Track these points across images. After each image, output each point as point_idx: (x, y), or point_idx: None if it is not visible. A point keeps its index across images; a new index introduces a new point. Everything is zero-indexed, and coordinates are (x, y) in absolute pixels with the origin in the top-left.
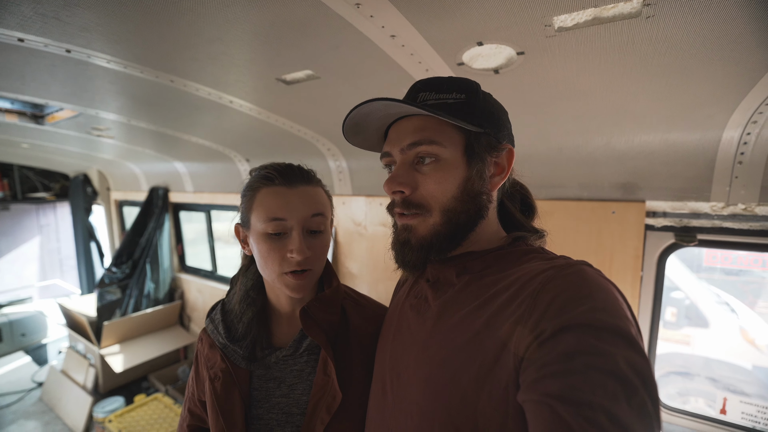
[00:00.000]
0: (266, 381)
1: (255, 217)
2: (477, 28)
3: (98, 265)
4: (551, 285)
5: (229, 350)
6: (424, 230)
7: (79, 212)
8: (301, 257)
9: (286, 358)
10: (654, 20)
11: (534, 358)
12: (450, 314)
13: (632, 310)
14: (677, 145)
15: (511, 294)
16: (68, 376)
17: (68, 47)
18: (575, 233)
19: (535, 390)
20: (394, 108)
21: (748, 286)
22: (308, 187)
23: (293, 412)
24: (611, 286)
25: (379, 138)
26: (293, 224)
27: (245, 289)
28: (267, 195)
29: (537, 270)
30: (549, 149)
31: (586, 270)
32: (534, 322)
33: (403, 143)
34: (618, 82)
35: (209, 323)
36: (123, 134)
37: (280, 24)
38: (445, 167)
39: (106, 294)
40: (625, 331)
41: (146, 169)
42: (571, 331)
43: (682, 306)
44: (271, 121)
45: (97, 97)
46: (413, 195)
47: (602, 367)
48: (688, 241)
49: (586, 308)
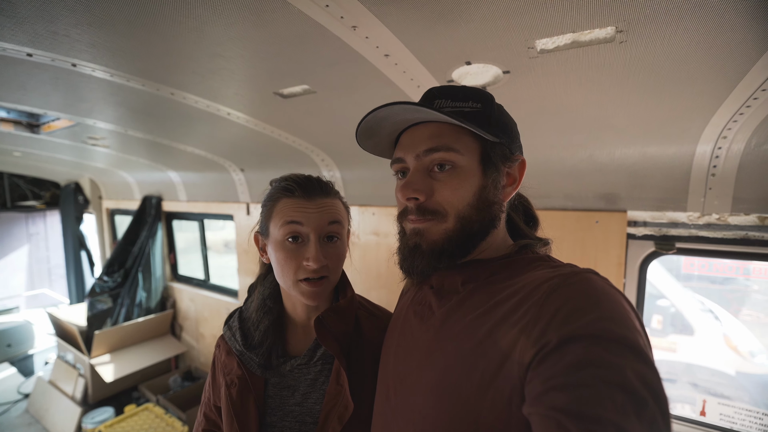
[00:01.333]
0: (281, 389)
1: (273, 225)
2: (465, 49)
3: (88, 274)
4: (557, 293)
5: (246, 357)
6: (436, 235)
7: (69, 221)
8: (317, 265)
9: (300, 367)
10: (627, 45)
11: (539, 369)
12: (454, 321)
13: (641, 320)
14: (655, 158)
15: (516, 302)
16: (56, 386)
17: (75, 62)
18: (560, 242)
19: (541, 403)
20: (412, 113)
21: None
22: (326, 199)
23: (306, 421)
24: (619, 295)
25: (390, 144)
26: (309, 231)
27: (262, 297)
28: (286, 205)
29: (542, 278)
30: (535, 161)
31: (592, 278)
32: (539, 331)
33: (418, 149)
34: (598, 99)
35: (227, 330)
36: (118, 143)
37: (280, 42)
38: (462, 175)
39: (97, 303)
40: (634, 342)
41: (139, 178)
42: (578, 342)
43: (667, 314)
44: (267, 132)
45: (97, 107)
46: (428, 201)
47: (610, 379)
48: (667, 249)
49: (592, 318)
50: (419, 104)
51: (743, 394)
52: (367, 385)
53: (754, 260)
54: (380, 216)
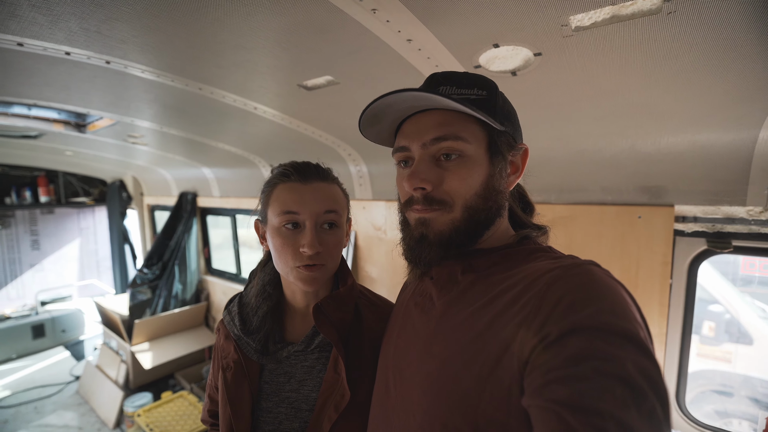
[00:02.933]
0: (277, 375)
1: (271, 211)
2: (492, 30)
3: (131, 267)
4: (557, 285)
5: (243, 342)
6: (442, 225)
7: (114, 216)
8: (312, 251)
9: (297, 354)
10: (676, 16)
11: (539, 361)
12: (454, 313)
13: (642, 312)
14: (708, 147)
15: (516, 293)
16: (102, 371)
17: (108, 59)
18: (598, 239)
19: (540, 395)
20: (423, 100)
21: None
22: (323, 183)
23: (302, 408)
24: (620, 286)
25: (391, 132)
26: (306, 218)
27: (262, 283)
28: (283, 190)
29: (543, 269)
30: (569, 152)
31: (593, 270)
32: (539, 323)
33: (424, 138)
34: (641, 81)
35: (226, 315)
36: (155, 141)
37: (300, 30)
38: (469, 164)
39: (138, 294)
40: (634, 335)
41: (176, 175)
42: (578, 334)
43: (721, 320)
44: (293, 126)
45: (133, 105)
46: (435, 191)
47: (611, 372)
48: (722, 248)
49: (593, 310)
50: (425, 90)
51: None
52: (364, 374)
53: None
54: None
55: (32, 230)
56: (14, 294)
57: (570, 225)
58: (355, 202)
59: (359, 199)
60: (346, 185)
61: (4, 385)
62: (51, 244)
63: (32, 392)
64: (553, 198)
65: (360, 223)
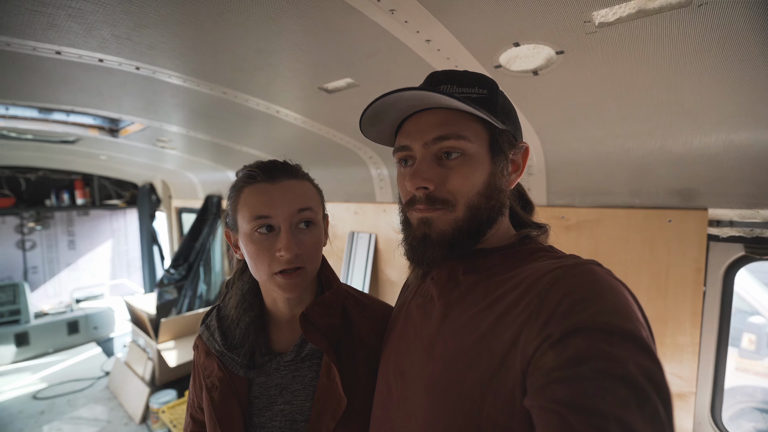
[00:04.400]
0: (267, 388)
1: (240, 217)
2: (513, 28)
3: (159, 267)
4: (559, 285)
5: (226, 358)
6: (445, 224)
7: (144, 218)
8: (291, 254)
9: (287, 364)
10: (707, 7)
11: (542, 362)
12: (457, 315)
13: (644, 312)
14: (745, 147)
15: (518, 294)
16: (130, 367)
17: (137, 65)
18: (625, 243)
19: (543, 396)
20: (424, 99)
21: None
22: (293, 181)
23: (297, 419)
24: (622, 286)
25: (392, 132)
26: (279, 221)
27: (241, 293)
28: (250, 194)
29: (545, 269)
30: (595, 154)
31: (595, 269)
32: (541, 324)
33: (426, 137)
34: (671, 78)
35: (204, 330)
36: (183, 145)
37: (319, 33)
38: (472, 162)
39: (165, 293)
40: (636, 335)
41: (203, 178)
42: (580, 334)
43: (762, 333)
44: (315, 129)
45: (161, 110)
46: (438, 190)
47: (613, 372)
48: (761, 254)
49: (595, 310)
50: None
51: None
52: (359, 378)
53: None
54: None
55: (69, 231)
56: (52, 291)
57: (595, 229)
58: (376, 205)
59: (379, 203)
60: (366, 188)
61: (42, 378)
62: (86, 244)
63: (66, 386)
64: (578, 201)
65: (381, 227)
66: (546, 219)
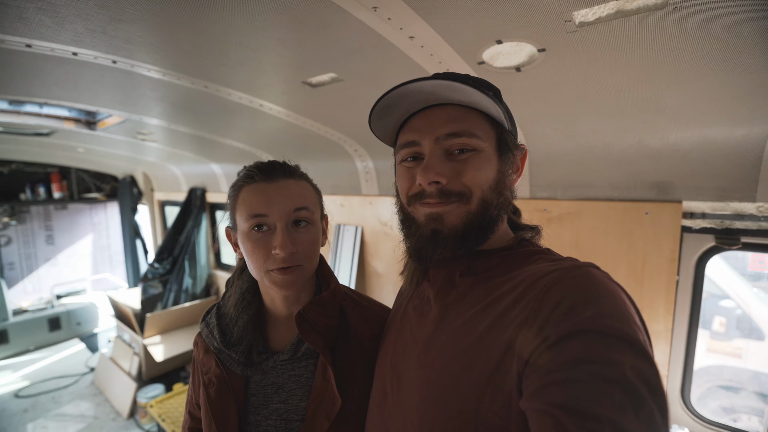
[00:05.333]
0: (264, 386)
1: (239, 216)
2: (495, 26)
3: (143, 261)
4: (556, 288)
5: (224, 355)
6: (457, 219)
7: (126, 211)
8: (285, 252)
9: (284, 363)
10: (682, 10)
11: (538, 364)
12: (454, 317)
13: (641, 315)
14: (718, 142)
15: (515, 296)
16: (116, 363)
17: (114, 58)
18: (604, 234)
19: (538, 398)
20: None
21: None
22: (290, 180)
23: (292, 419)
24: (619, 289)
25: (395, 128)
26: (275, 220)
27: (240, 291)
28: (248, 193)
29: (542, 271)
30: (576, 148)
31: (592, 272)
32: (538, 326)
33: (438, 132)
34: (648, 77)
35: (204, 327)
36: (164, 138)
37: (303, 29)
38: (483, 158)
39: (149, 288)
40: (633, 338)
41: (186, 171)
42: (577, 337)
43: (732, 316)
44: (299, 123)
45: (141, 103)
46: (452, 183)
47: (609, 376)
48: (730, 245)
49: (592, 313)
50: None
51: None
52: (354, 379)
53: None
54: None
55: (47, 225)
56: (31, 288)
57: (576, 221)
58: (362, 197)
59: (366, 195)
60: (352, 181)
61: (24, 376)
62: (65, 239)
63: (50, 383)
64: (560, 194)
65: (367, 219)
66: (529, 211)
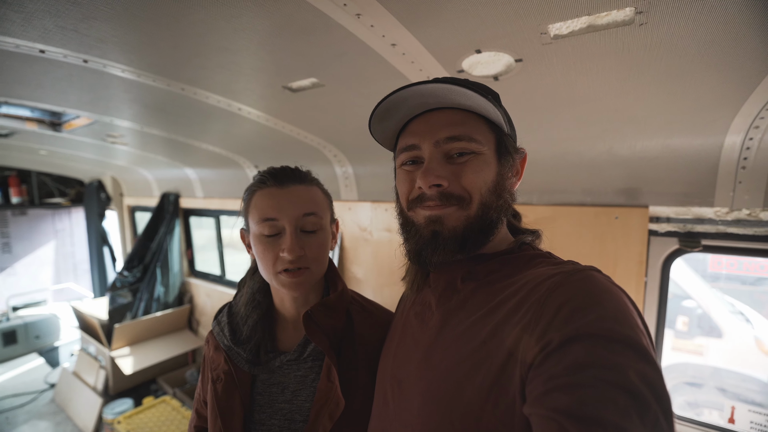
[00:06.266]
0: (269, 386)
1: (251, 219)
2: (475, 36)
3: (110, 269)
4: (559, 291)
5: (233, 352)
6: (457, 221)
7: (93, 217)
8: (293, 256)
9: (290, 363)
10: (647, 27)
11: (541, 369)
12: (456, 322)
13: (644, 319)
14: (679, 150)
15: (518, 301)
16: (80, 377)
17: (85, 57)
18: (578, 239)
19: (542, 404)
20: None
21: (765, 295)
22: (300, 186)
23: (296, 419)
24: (621, 293)
25: (395, 132)
26: (285, 224)
27: (251, 292)
28: (261, 197)
29: (544, 275)
30: (552, 155)
31: (595, 276)
32: (541, 330)
33: (438, 136)
34: (617, 87)
35: (215, 325)
36: (136, 141)
37: (284, 33)
38: (482, 161)
39: (118, 297)
40: (636, 342)
41: (158, 175)
42: (580, 341)
43: (694, 315)
44: (279, 128)
45: (112, 105)
46: (452, 186)
47: (613, 380)
48: (692, 247)
49: (595, 317)
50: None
51: None
52: (359, 381)
53: None
54: (393, 212)
55: (3, 232)
56: None
57: (551, 225)
58: (341, 203)
59: (345, 200)
60: (331, 187)
61: None
62: (24, 246)
63: (3, 402)
64: (535, 199)
65: (346, 224)
66: None
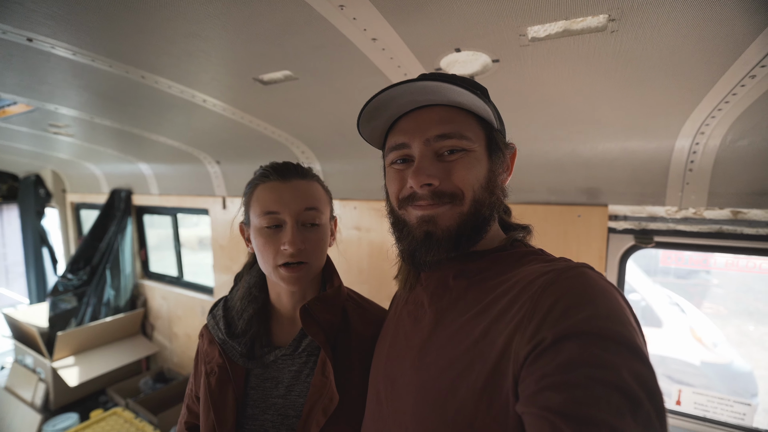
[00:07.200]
0: (263, 380)
1: (253, 213)
2: (456, 35)
3: (50, 272)
4: (551, 289)
5: (228, 346)
6: (450, 219)
7: (29, 216)
8: (294, 249)
9: (284, 358)
10: (617, 35)
11: (533, 367)
12: (449, 321)
13: (636, 316)
14: (636, 153)
15: (510, 299)
16: (13, 392)
17: (30, 35)
18: (542, 236)
19: (534, 403)
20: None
21: (695, 288)
22: (303, 181)
23: (289, 414)
24: (614, 290)
25: (383, 131)
26: (286, 217)
27: (248, 286)
28: (263, 191)
29: (537, 273)
30: (520, 155)
31: (587, 273)
32: (534, 328)
33: (427, 134)
34: (584, 92)
35: (210, 319)
36: (83, 132)
37: (261, 22)
38: (473, 158)
39: (60, 302)
40: (629, 340)
41: (108, 170)
42: (573, 339)
43: (638, 307)
44: (245, 121)
45: (58, 91)
46: (444, 184)
47: (605, 379)
48: (646, 243)
49: (588, 315)
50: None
51: (708, 383)
52: (353, 377)
53: (726, 253)
54: (362, 210)
55: None
56: None
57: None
58: None
59: None
60: None
61: None
62: None
63: None
64: None
65: None
66: None
